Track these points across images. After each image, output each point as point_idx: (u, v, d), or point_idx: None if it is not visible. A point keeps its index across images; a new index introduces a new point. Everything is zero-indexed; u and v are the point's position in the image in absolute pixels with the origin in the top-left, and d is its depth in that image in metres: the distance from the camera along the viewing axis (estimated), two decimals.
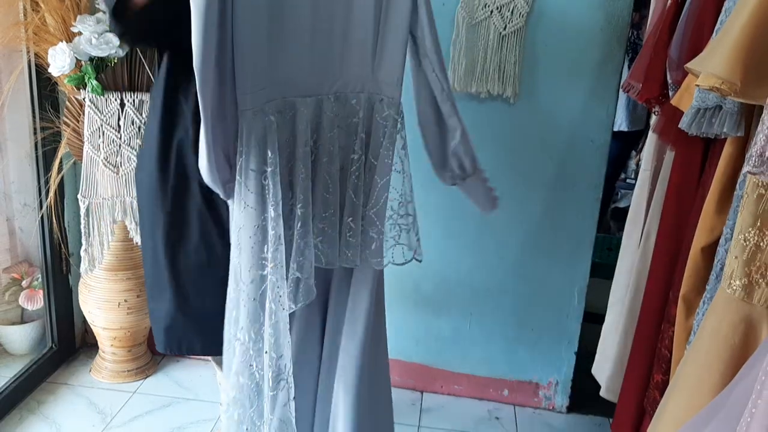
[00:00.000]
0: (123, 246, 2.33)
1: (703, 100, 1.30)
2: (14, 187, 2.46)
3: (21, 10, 2.12)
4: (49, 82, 2.26)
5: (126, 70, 2.12)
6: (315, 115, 1.41)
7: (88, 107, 2.11)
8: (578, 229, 2.26)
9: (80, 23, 2.01)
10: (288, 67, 1.35)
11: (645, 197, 1.90)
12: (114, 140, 2.16)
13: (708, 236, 1.41)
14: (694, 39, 1.46)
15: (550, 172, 2.22)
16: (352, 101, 1.44)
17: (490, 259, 2.33)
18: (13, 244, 2.51)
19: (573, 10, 2.08)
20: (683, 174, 1.59)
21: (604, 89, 2.13)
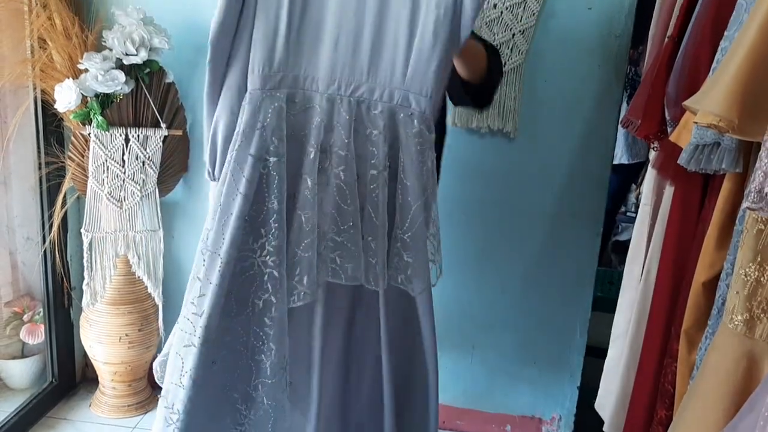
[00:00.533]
0: (125, 280, 2.34)
1: (701, 137, 1.31)
2: (18, 220, 2.48)
3: (28, 48, 2.16)
4: (55, 117, 2.29)
5: (131, 105, 2.15)
6: (330, 116, 1.33)
7: (93, 142, 2.13)
8: (579, 262, 2.26)
9: (87, 60, 2.05)
10: (308, 58, 1.31)
11: (645, 232, 1.90)
12: (118, 175, 2.18)
13: (709, 271, 1.41)
14: (691, 77, 1.48)
15: (551, 206, 2.24)
16: (375, 110, 1.34)
17: (491, 292, 2.33)
18: (16, 277, 2.52)
19: (571, 48, 2.11)
20: (683, 209, 1.60)
21: (603, 124, 2.16)
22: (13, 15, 2.13)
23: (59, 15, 2.11)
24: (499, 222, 2.27)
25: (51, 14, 2.11)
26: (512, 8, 2.11)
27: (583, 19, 2.10)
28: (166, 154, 2.26)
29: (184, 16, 2.24)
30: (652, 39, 1.98)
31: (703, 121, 1.22)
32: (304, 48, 1.31)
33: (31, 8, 2.12)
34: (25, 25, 2.14)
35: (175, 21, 2.19)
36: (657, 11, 1.99)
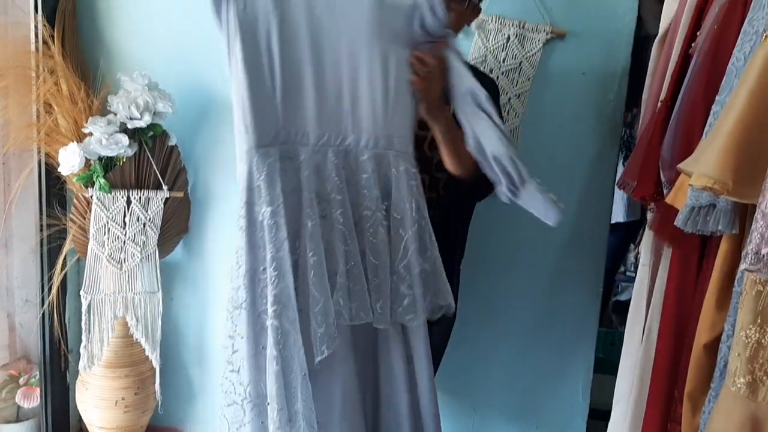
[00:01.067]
0: (123, 342, 2.32)
1: (696, 199, 1.32)
2: (17, 282, 2.47)
3: (34, 112, 2.20)
4: (58, 180, 2.31)
5: (134, 168, 2.18)
6: (323, 166, 1.41)
7: (95, 204, 2.15)
8: (580, 323, 2.25)
9: (92, 124, 2.08)
10: (295, 115, 1.40)
11: (645, 292, 1.90)
12: (119, 237, 2.19)
13: (710, 333, 1.40)
14: (684, 140, 1.51)
15: (550, 267, 2.24)
16: (362, 157, 1.45)
17: (491, 353, 2.31)
18: (13, 340, 2.50)
19: (567, 111, 2.16)
20: (681, 270, 1.61)
21: (600, 186, 2.18)
22: (21, 80, 2.18)
23: (66, 80, 2.16)
24: (498, 282, 2.27)
25: (58, 80, 2.16)
26: (508, 73, 2.16)
27: (578, 84, 2.15)
28: (167, 215, 2.27)
29: (188, 80, 2.29)
30: (645, 102, 2.02)
31: (698, 184, 1.24)
32: (291, 106, 1.39)
33: (39, 74, 2.17)
34: (32, 90, 2.18)
35: (178, 85, 2.24)
36: (649, 76, 2.04)
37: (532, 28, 2.12)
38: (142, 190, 2.20)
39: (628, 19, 2.09)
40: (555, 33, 2.12)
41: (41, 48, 2.20)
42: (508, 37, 2.15)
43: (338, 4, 1.41)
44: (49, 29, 2.20)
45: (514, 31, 2.13)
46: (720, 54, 1.45)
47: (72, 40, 2.30)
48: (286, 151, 1.39)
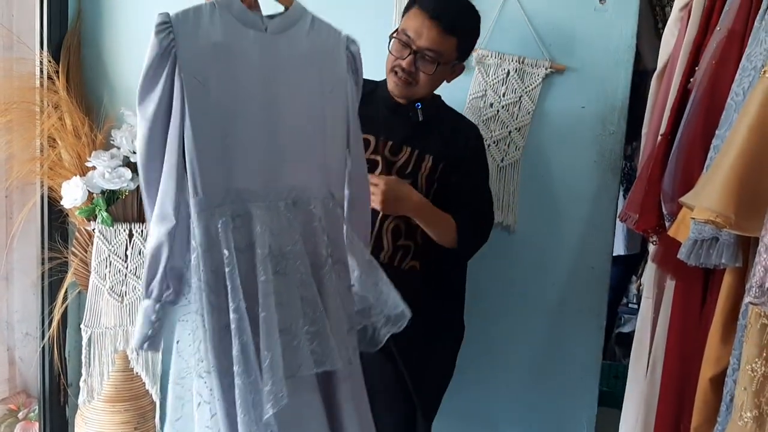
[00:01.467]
0: (122, 376, 2.30)
1: (699, 232, 1.33)
2: (17, 316, 2.47)
3: (38, 147, 2.21)
4: (61, 213, 2.32)
5: (136, 201, 2.18)
6: (273, 221, 1.40)
7: (97, 238, 2.15)
8: (583, 357, 2.24)
9: (95, 158, 2.10)
10: (242, 174, 1.38)
11: (649, 325, 1.90)
12: (120, 270, 2.19)
13: (715, 366, 1.40)
14: (685, 173, 1.52)
15: (553, 300, 2.24)
16: (310, 207, 1.46)
17: (495, 388, 2.29)
18: (12, 374, 2.48)
19: (567, 144, 2.17)
20: (685, 304, 1.61)
21: (601, 218, 2.18)
22: (25, 115, 2.20)
23: (70, 115, 2.18)
24: (500, 316, 2.26)
25: (62, 114, 2.18)
26: (508, 107, 2.18)
27: (578, 117, 2.16)
28: None
29: None
30: (645, 136, 2.04)
31: (700, 217, 1.25)
32: (239, 163, 1.38)
33: (43, 109, 2.19)
34: (36, 125, 2.20)
35: None
36: (649, 110, 2.06)
37: (532, 63, 2.15)
38: (144, 223, 2.20)
39: (626, 54, 2.12)
40: (554, 68, 2.14)
41: (46, 83, 2.22)
42: (508, 72, 2.17)
43: (281, 59, 1.42)
44: (54, 65, 2.23)
45: (514, 66, 2.16)
46: (718, 89, 1.47)
47: (76, 76, 2.33)
48: (236, 209, 1.37)
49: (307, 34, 1.45)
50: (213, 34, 1.33)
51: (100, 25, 2.38)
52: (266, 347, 1.34)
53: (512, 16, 2.13)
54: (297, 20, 1.44)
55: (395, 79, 1.76)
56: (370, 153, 1.78)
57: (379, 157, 1.79)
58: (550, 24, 2.14)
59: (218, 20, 1.33)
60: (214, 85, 1.34)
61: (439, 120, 1.85)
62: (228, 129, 1.36)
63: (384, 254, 1.79)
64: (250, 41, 1.37)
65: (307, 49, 1.45)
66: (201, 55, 1.31)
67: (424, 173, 1.80)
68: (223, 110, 1.35)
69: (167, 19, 1.28)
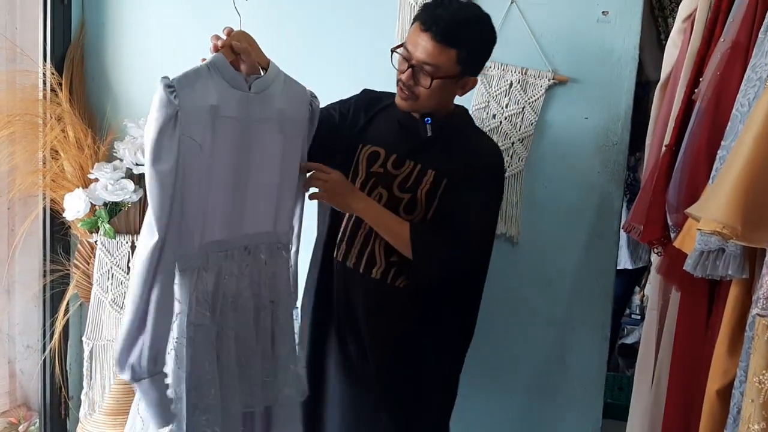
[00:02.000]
0: (124, 389, 2.28)
1: (705, 243, 1.32)
2: (18, 329, 2.45)
3: (41, 159, 2.21)
4: (63, 226, 2.31)
5: (139, 213, 2.18)
6: (231, 268, 1.52)
7: (99, 250, 2.15)
8: (587, 369, 2.22)
9: (98, 170, 2.09)
10: (210, 229, 1.47)
11: (654, 337, 1.89)
12: (122, 282, 2.18)
13: (722, 379, 1.39)
14: (690, 184, 1.52)
15: (556, 312, 2.23)
16: (260, 254, 1.58)
17: (499, 400, 2.28)
18: (13, 387, 2.47)
19: (570, 155, 2.17)
20: (691, 316, 1.60)
21: (604, 229, 2.18)
22: (29, 127, 2.20)
23: (73, 127, 2.18)
24: (503, 328, 2.25)
25: (65, 126, 2.18)
26: (511, 118, 2.18)
27: (581, 128, 2.16)
28: None
29: None
30: (649, 147, 2.03)
31: (706, 228, 1.24)
32: (207, 221, 1.46)
33: (46, 121, 2.20)
34: (39, 137, 2.20)
35: None
36: (652, 121, 2.06)
37: (535, 74, 2.15)
38: None
39: (629, 65, 2.12)
40: (557, 79, 2.14)
41: (49, 95, 2.22)
42: (511, 83, 2.17)
43: (256, 118, 1.51)
44: (57, 77, 2.23)
45: (517, 77, 2.16)
46: (723, 100, 1.47)
47: (79, 88, 2.33)
48: (203, 264, 1.46)
49: (281, 92, 1.56)
50: (209, 96, 1.40)
51: (103, 37, 2.38)
52: (228, 391, 1.49)
53: (515, 27, 2.13)
54: (273, 79, 1.54)
55: (398, 92, 1.72)
56: (378, 165, 1.76)
57: (383, 170, 1.76)
58: (552, 35, 2.14)
59: (212, 82, 1.41)
60: (206, 147, 1.41)
61: (452, 137, 1.77)
62: (208, 188, 1.43)
63: (377, 270, 1.75)
64: (236, 102, 1.46)
65: (279, 106, 1.56)
66: (198, 117, 1.38)
67: (424, 188, 1.72)
68: (208, 171, 1.42)
69: (171, 83, 1.34)
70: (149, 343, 1.35)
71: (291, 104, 1.59)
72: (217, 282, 1.48)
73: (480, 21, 1.70)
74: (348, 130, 1.80)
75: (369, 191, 1.75)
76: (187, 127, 1.35)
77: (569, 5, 2.13)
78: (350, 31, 2.24)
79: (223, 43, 1.47)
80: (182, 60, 2.32)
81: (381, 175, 1.75)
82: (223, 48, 1.46)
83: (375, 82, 1.91)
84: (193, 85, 1.38)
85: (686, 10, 1.88)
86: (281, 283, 1.64)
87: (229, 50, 1.46)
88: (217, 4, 2.30)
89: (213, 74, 1.42)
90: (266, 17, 2.23)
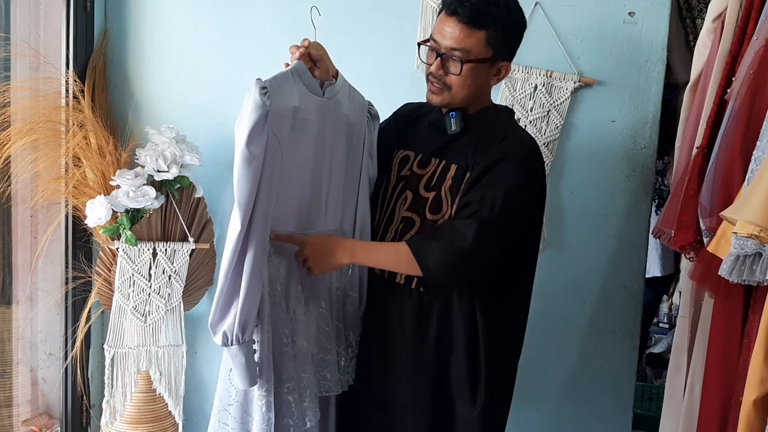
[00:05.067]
0: (145, 397, 2.28)
1: (741, 248, 1.28)
2: (41, 336, 2.46)
3: (63, 166, 2.22)
4: (85, 233, 2.31)
5: (160, 220, 2.17)
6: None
7: (120, 257, 2.14)
8: (616, 379, 2.18)
9: (119, 177, 2.09)
10: (284, 219, 1.63)
11: (686, 346, 1.84)
12: (144, 289, 2.17)
13: (759, 388, 1.34)
14: (724, 186, 1.48)
15: (584, 321, 2.18)
16: None
17: (523, 411, 2.23)
18: (35, 395, 2.47)
19: (597, 159, 2.13)
20: (726, 323, 1.55)
21: (633, 236, 2.13)
22: (51, 134, 2.20)
23: (95, 134, 2.18)
24: (529, 336, 2.19)
25: (87, 134, 2.18)
26: (536, 122, 2.15)
27: (608, 132, 2.12)
28: (193, 267, 2.25)
29: (215, 132, 2.30)
30: (679, 149, 1.99)
31: (742, 232, 1.20)
32: (283, 209, 1.62)
33: (68, 128, 2.20)
34: (62, 144, 2.21)
35: (205, 137, 2.25)
36: (682, 123, 2.02)
37: (560, 77, 2.11)
38: (168, 242, 2.19)
39: (657, 67, 2.08)
40: (583, 82, 2.10)
41: (71, 103, 2.23)
42: (535, 86, 2.14)
43: (330, 121, 1.66)
44: (79, 84, 2.23)
45: (542, 80, 2.13)
46: (758, 99, 1.43)
47: (102, 95, 2.34)
48: (276, 250, 1.62)
49: (347, 98, 1.70)
50: (292, 98, 1.56)
51: (125, 45, 2.39)
52: (302, 370, 1.62)
53: (539, 29, 2.09)
54: (340, 87, 1.69)
55: (429, 86, 1.67)
56: (407, 168, 1.74)
57: (409, 172, 1.73)
58: (578, 37, 2.11)
59: (295, 87, 1.57)
60: (285, 143, 1.57)
61: (481, 130, 1.67)
62: (283, 181, 1.59)
63: (400, 276, 1.69)
64: (313, 106, 1.61)
65: (345, 111, 1.70)
66: (282, 117, 1.54)
67: (447, 185, 1.65)
68: (285, 166, 1.58)
69: (265, 85, 1.50)
70: (239, 315, 1.52)
71: (354, 110, 1.73)
72: (289, 269, 1.64)
73: (507, 1, 1.63)
74: (387, 141, 1.81)
75: (397, 195, 1.73)
76: (272, 125, 1.51)
77: (595, 6, 2.09)
78: (372, 37, 2.22)
79: (302, 52, 1.59)
80: (203, 67, 2.35)
81: (408, 178, 1.72)
82: (303, 56, 1.59)
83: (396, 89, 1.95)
84: (281, 87, 1.53)
85: (716, 10, 1.84)
86: (350, 277, 1.77)
87: (307, 58, 1.61)
88: (237, 13, 2.32)
89: (296, 79, 1.58)
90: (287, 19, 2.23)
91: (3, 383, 2.32)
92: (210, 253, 2.32)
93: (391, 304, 1.72)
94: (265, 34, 2.29)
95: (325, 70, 1.63)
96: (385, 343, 1.73)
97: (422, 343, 1.68)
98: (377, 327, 1.76)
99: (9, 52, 2.16)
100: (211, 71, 2.34)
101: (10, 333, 2.34)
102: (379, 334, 1.75)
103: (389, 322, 1.72)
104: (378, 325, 1.75)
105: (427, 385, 1.69)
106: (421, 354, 1.69)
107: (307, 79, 1.60)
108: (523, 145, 1.65)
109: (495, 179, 1.58)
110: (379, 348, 1.75)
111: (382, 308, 1.74)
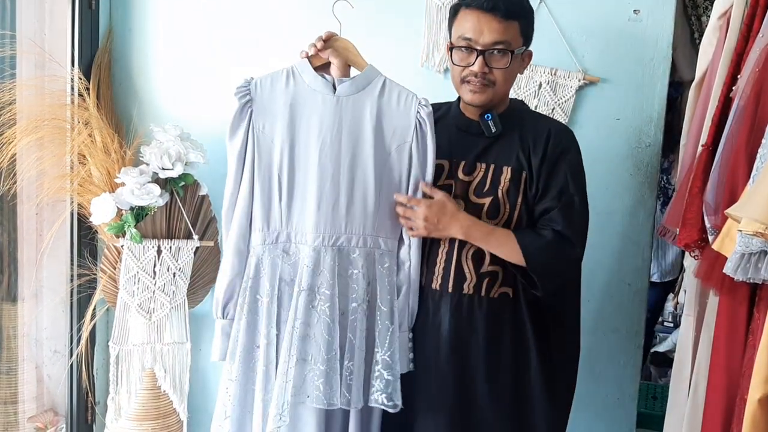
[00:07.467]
0: (150, 395, 2.28)
1: (746, 245, 1.28)
2: (46, 333, 2.47)
3: (68, 163, 2.22)
4: (90, 230, 2.32)
5: (165, 217, 2.17)
6: (317, 263, 1.62)
7: (125, 254, 2.15)
8: (621, 378, 2.17)
9: (124, 174, 2.09)
10: (297, 218, 1.65)
11: (690, 344, 1.83)
12: (149, 286, 2.18)
13: (764, 386, 1.34)
14: (729, 184, 1.47)
15: (589, 319, 2.17)
16: (353, 255, 1.64)
17: None
18: (40, 392, 2.48)
19: (601, 157, 2.12)
20: (731, 321, 1.54)
21: (638, 234, 2.13)
22: (56, 132, 2.21)
23: (100, 132, 2.18)
24: None
25: (92, 131, 2.18)
26: None
27: (612, 130, 2.12)
28: (197, 264, 2.26)
29: (220, 130, 2.29)
30: (683, 147, 1.98)
31: (748, 229, 1.20)
32: (294, 210, 1.65)
33: (73, 126, 2.20)
34: (67, 142, 2.21)
35: (210, 135, 2.25)
36: (687, 121, 2.01)
37: (564, 75, 2.11)
38: (173, 239, 2.19)
39: (662, 65, 2.07)
40: (588, 80, 2.10)
41: (77, 100, 2.24)
42: (540, 84, 2.14)
43: (347, 120, 1.64)
44: (84, 82, 2.24)
45: (546, 78, 2.12)
46: (764, 97, 1.43)
47: (107, 93, 2.34)
48: (287, 247, 1.65)
49: (378, 96, 1.66)
50: (286, 97, 1.63)
51: (130, 43, 2.40)
52: (282, 371, 1.59)
53: (544, 27, 2.08)
54: (368, 83, 1.66)
55: (470, 87, 1.65)
56: (444, 179, 1.71)
57: (453, 180, 1.70)
58: (582, 35, 2.11)
59: (292, 85, 1.63)
60: (281, 139, 1.62)
61: (517, 127, 1.70)
62: (291, 178, 1.63)
63: (468, 284, 1.67)
64: (318, 104, 1.63)
65: (374, 111, 1.65)
66: (272, 113, 1.62)
67: (504, 187, 1.66)
68: (287, 162, 1.63)
69: (246, 84, 1.63)
70: (222, 296, 1.68)
71: (388, 110, 1.66)
72: (296, 270, 1.64)
73: None
74: None
75: None
76: (257, 122, 1.62)
77: (600, 4, 2.09)
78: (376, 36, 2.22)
79: (315, 51, 1.65)
80: (208, 65, 2.35)
81: (453, 186, 1.69)
82: (314, 56, 1.65)
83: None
84: (269, 86, 1.62)
85: (722, 7, 1.83)
86: (379, 290, 1.65)
87: (318, 56, 1.65)
88: (243, 11, 2.32)
89: (294, 78, 1.64)
90: (293, 17, 2.23)
91: (9, 380, 2.33)
92: (214, 250, 2.32)
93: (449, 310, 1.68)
94: (270, 32, 2.29)
95: (341, 67, 1.66)
96: (458, 351, 1.69)
97: (498, 345, 1.68)
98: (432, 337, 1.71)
99: (15, 50, 2.17)
100: (215, 69, 2.35)
101: (16, 330, 2.35)
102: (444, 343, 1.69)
103: (455, 331, 1.68)
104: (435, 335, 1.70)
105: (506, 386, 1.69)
106: (498, 355, 1.68)
107: (309, 77, 1.63)
108: (570, 133, 1.76)
109: (565, 173, 1.68)
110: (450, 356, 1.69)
111: (437, 317, 1.70)
